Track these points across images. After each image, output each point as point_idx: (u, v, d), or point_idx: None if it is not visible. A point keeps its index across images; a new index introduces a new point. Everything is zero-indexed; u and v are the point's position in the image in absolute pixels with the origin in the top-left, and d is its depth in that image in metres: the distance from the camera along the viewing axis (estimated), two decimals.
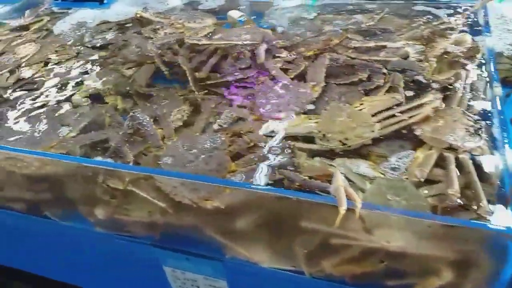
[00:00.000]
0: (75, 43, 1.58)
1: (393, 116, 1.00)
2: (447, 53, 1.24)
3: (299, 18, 1.59)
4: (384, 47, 1.30)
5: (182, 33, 1.53)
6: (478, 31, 1.35)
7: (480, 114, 1.02)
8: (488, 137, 0.94)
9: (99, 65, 1.47)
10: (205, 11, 1.69)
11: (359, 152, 0.98)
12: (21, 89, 1.38)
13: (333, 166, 0.93)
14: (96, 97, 1.33)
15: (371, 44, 1.29)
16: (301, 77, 1.26)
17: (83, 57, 1.50)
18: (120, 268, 1.20)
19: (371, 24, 1.42)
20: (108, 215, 1.10)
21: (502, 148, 0.88)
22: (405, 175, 0.87)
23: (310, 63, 1.28)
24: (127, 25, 1.68)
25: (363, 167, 0.94)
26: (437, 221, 0.73)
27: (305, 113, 1.10)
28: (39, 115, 1.22)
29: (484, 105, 1.04)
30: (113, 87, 1.35)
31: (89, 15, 1.74)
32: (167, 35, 1.50)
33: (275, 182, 0.93)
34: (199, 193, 0.92)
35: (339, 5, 1.62)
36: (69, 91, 1.33)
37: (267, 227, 0.96)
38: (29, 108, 1.26)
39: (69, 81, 1.36)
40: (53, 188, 1.13)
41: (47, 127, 1.13)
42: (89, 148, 1.11)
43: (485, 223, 0.74)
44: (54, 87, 1.35)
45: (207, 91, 1.32)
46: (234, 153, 1.01)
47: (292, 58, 1.33)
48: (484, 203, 0.77)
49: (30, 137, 1.11)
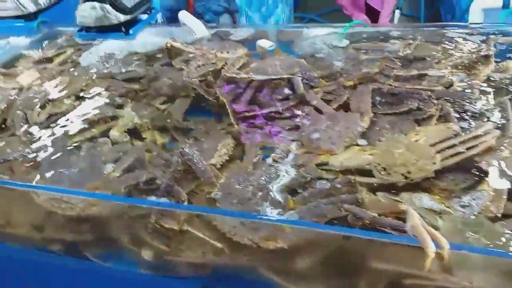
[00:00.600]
0: (105, 76, 1.57)
1: (453, 146, 0.99)
2: (491, 80, 1.25)
3: (330, 46, 1.61)
4: (425, 75, 1.30)
5: (214, 63, 1.53)
6: None
7: None
8: None
9: (131, 99, 1.46)
10: (234, 41, 1.69)
11: (421, 185, 0.97)
12: (55, 125, 1.36)
13: (400, 201, 0.91)
14: (132, 132, 1.32)
15: (413, 72, 1.30)
16: (344, 108, 1.25)
17: (115, 90, 1.49)
18: None
19: (408, 52, 1.43)
20: (156, 256, 1.07)
21: None
22: (478, 210, 0.86)
23: (351, 92, 1.28)
24: (157, 55, 1.68)
25: (427, 201, 0.92)
26: None
27: (357, 145, 1.09)
28: (77, 153, 1.20)
29: None
30: (150, 122, 1.34)
31: (115, 46, 1.74)
32: (201, 67, 1.49)
33: (337, 219, 0.91)
34: (260, 232, 0.90)
35: (370, 33, 1.63)
36: (105, 126, 1.31)
37: (330, 267, 0.93)
38: (65, 144, 1.24)
39: (103, 115, 1.35)
40: (97, 228, 1.10)
41: (88, 166, 1.11)
42: (134, 187, 1.09)
43: None
44: (88, 122, 1.34)
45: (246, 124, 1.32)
46: (291, 189, 0.99)
47: (332, 88, 1.33)
48: None
49: (72, 177, 1.09)
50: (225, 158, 1.14)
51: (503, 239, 0.79)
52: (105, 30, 1.78)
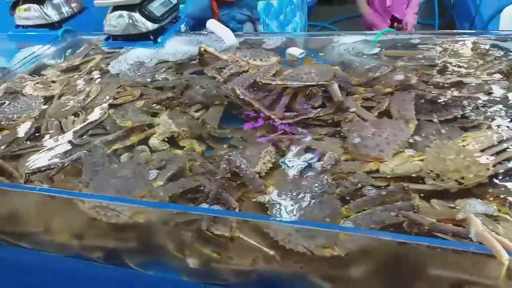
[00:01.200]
0: (136, 84, 1.59)
1: (504, 151, 1.00)
2: None
3: (361, 54, 1.63)
4: (464, 83, 1.32)
5: (247, 71, 1.55)
6: None
7: None
8: None
9: (166, 107, 1.48)
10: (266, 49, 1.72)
11: (474, 192, 0.97)
12: (91, 133, 1.38)
13: (455, 208, 0.92)
14: (169, 140, 1.33)
15: (453, 79, 1.31)
16: (384, 115, 1.27)
17: (148, 98, 1.50)
18: None
19: (444, 59, 1.45)
20: (202, 264, 1.08)
21: None
22: None
23: (390, 99, 1.30)
24: (188, 64, 1.70)
25: (482, 207, 0.93)
26: None
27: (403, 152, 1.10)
28: (117, 161, 1.22)
29: None
30: (188, 130, 1.35)
31: (143, 54, 1.77)
32: (234, 74, 1.51)
33: (392, 226, 0.92)
34: (316, 240, 0.90)
35: (401, 41, 1.65)
36: (143, 135, 1.33)
37: (385, 274, 0.94)
38: (104, 152, 1.25)
39: (140, 123, 1.36)
40: (141, 236, 1.11)
41: (132, 173, 1.12)
42: (179, 195, 1.10)
43: None
44: (125, 130, 1.35)
45: (283, 131, 1.33)
46: (340, 197, 1.00)
47: (369, 95, 1.35)
48: None
49: (117, 184, 1.09)
50: (269, 165, 1.15)
51: None
52: (132, 38, 1.82)
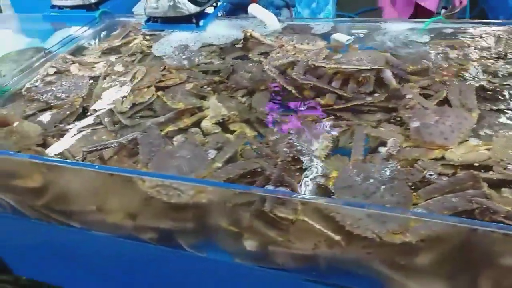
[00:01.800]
0: (182, 67, 1.60)
1: None
2: None
3: (410, 41, 1.62)
4: None
5: (294, 55, 1.55)
6: None
7: None
8: None
9: (213, 91, 1.48)
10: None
11: None
12: (142, 115, 1.39)
13: None
14: (219, 124, 1.34)
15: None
16: (443, 104, 1.26)
17: (195, 81, 1.51)
18: None
19: (499, 48, 1.44)
20: (260, 246, 1.09)
21: None
22: None
23: (449, 88, 1.29)
24: (232, 48, 1.70)
25: None
26: None
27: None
28: (171, 143, 1.23)
29: None
30: (238, 114, 1.36)
31: (186, 38, 1.77)
32: (281, 59, 1.51)
33: (464, 212, 0.92)
34: (387, 226, 0.91)
35: (452, 29, 1.64)
36: (196, 117, 1.34)
37: (453, 263, 0.94)
38: (158, 134, 1.26)
39: (191, 105, 1.37)
40: (199, 217, 1.12)
41: (191, 155, 1.13)
42: (239, 178, 1.11)
43: None
44: (175, 113, 1.36)
45: (334, 117, 1.33)
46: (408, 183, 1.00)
47: (425, 83, 1.34)
48: None
49: (178, 165, 1.11)
50: (327, 151, 1.16)
51: None
52: (174, 21, 1.82)
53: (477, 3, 4.34)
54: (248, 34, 1.62)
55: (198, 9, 1.76)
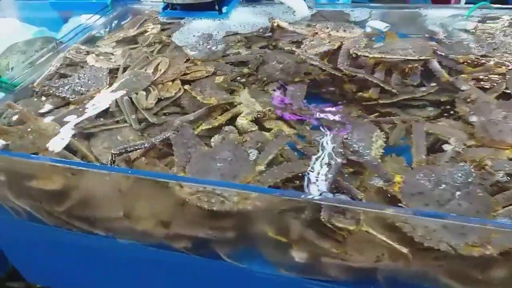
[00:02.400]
0: (206, 58, 1.49)
1: None
2: None
3: (453, 29, 1.52)
4: None
5: (330, 43, 1.45)
6: None
7: None
8: None
9: (243, 85, 1.38)
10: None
11: None
12: (168, 111, 1.29)
13: None
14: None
15: None
16: (502, 97, 1.17)
17: (224, 74, 1.41)
18: None
19: None
20: (311, 258, 1.00)
21: None
22: None
23: (509, 80, 1.19)
24: (259, 36, 1.60)
25: None
26: None
27: None
28: (208, 143, 1.13)
29: None
30: (273, 110, 1.26)
31: (208, 26, 1.66)
32: (317, 47, 1.41)
33: None
34: (467, 238, 0.82)
35: (498, 15, 1.54)
36: (229, 115, 1.24)
37: None
38: (191, 133, 1.16)
39: (224, 101, 1.27)
40: (244, 225, 1.03)
41: (233, 157, 1.03)
42: (285, 181, 1.01)
43: None
44: (207, 109, 1.26)
45: (378, 113, 1.24)
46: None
47: (479, 75, 1.25)
48: None
49: (219, 168, 1.01)
50: (381, 151, 1.06)
51: None
52: (194, 8, 1.71)
53: None
54: (275, 24, 1.51)
55: None
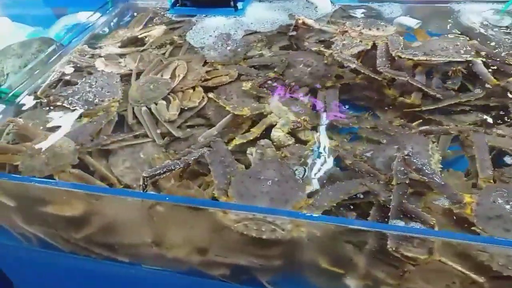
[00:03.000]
0: (229, 61, 1.39)
1: None
2: None
3: (489, 25, 1.45)
4: None
5: (361, 43, 1.36)
6: None
7: None
8: None
9: (269, 89, 1.29)
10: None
11: None
12: (193, 124, 1.19)
13: None
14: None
15: None
16: None
17: (249, 79, 1.30)
18: None
19: None
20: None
21: None
22: None
23: None
24: (281, 35, 1.50)
25: None
26: None
27: None
28: (246, 159, 1.04)
29: None
30: (308, 120, 1.17)
31: (223, 24, 1.55)
32: (350, 48, 1.32)
33: None
34: None
35: None
36: (262, 126, 1.14)
37: None
38: (224, 149, 1.06)
39: (257, 111, 1.18)
40: (292, 253, 0.94)
41: (279, 177, 0.94)
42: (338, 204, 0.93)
43: None
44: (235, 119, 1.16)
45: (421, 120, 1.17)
46: None
47: None
48: None
49: (267, 192, 0.91)
50: (440, 165, 0.99)
51: None
52: (207, 4, 1.60)
53: None
54: (300, 22, 1.41)
55: None
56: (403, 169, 0.90)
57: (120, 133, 1.17)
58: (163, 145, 1.15)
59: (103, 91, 1.23)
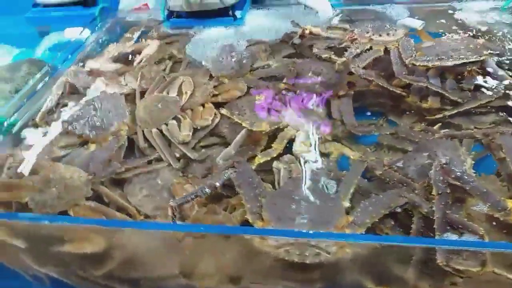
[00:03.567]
0: (236, 74, 1.35)
1: None
2: None
3: (490, 23, 1.46)
4: None
5: (371, 49, 1.34)
6: None
7: None
8: None
9: (281, 102, 1.26)
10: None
11: None
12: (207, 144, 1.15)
13: None
14: None
15: None
16: None
17: (260, 92, 1.27)
18: None
19: None
20: None
21: None
22: None
23: None
24: (295, 41, 1.47)
25: None
26: None
27: None
28: (273, 179, 1.01)
29: None
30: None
31: (222, 34, 1.52)
32: (363, 55, 1.31)
33: None
34: None
35: None
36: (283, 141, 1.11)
37: None
38: (249, 169, 1.02)
39: (275, 125, 1.14)
40: (335, 275, 0.91)
41: (316, 196, 0.91)
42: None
43: None
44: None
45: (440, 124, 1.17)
46: None
47: None
48: None
49: (306, 213, 0.88)
50: (473, 170, 0.98)
51: None
52: (204, 15, 1.56)
53: None
54: (307, 31, 1.39)
55: None
56: (443, 178, 0.89)
57: (133, 159, 1.12)
58: (179, 169, 1.10)
59: (110, 114, 1.17)
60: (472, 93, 1.22)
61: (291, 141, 1.13)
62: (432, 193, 0.89)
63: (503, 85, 1.20)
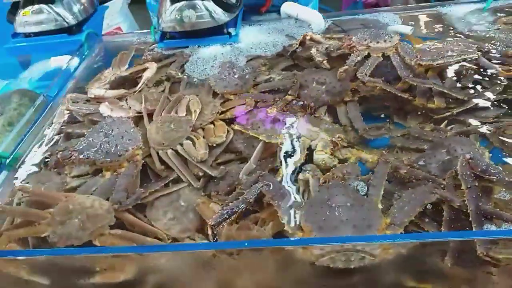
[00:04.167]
0: (241, 89, 1.37)
1: None
2: None
3: (474, 24, 1.56)
4: None
5: (370, 56, 1.40)
6: None
7: None
8: None
9: (290, 112, 1.29)
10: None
11: None
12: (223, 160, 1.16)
13: None
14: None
15: None
16: None
17: (267, 105, 1.30)
18: None
19: None
20: None
21: None
22: None
23: None
24: (296, 49, 1.50)
25: None
26: None
27: None
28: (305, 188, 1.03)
29: None
30: (344, 138, 1.19)
31: (219, 52, 1.54)
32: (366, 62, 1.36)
33: None
34: None
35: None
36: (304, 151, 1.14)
37: None
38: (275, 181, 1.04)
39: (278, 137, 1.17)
40: (377, 277, 0.93)
41: (351, 201, 0.93)
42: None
43: None
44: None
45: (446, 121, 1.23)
46: None
47: None
48: None
49: (346, 219, 0.90)
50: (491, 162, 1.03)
51: None
52: (198, 34, 1.58)
53: None
54: (308, 37, 1.44)
55: (232, 15, 1.53)
56: (470, 172, 0.93)
57: (152, 182, 1.11)
58: (200, 188, 1.10)
59: (124, 139, 1.15)
60: (474, 90, 1.30)
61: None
62: (461, 188, 0.94)
63: (500, 79, 1.28)
